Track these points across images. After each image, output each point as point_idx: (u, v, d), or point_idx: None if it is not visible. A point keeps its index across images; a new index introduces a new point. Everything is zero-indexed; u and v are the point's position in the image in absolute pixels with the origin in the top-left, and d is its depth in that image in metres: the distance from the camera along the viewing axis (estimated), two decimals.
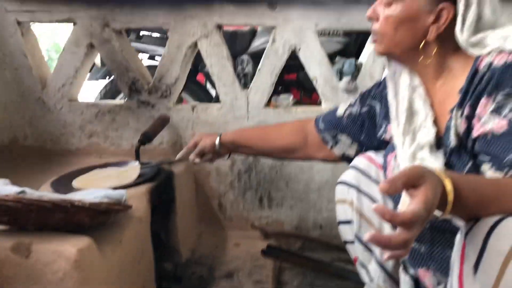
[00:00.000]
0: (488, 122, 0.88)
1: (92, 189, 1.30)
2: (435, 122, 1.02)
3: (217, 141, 1.45)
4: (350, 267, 1.65)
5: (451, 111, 0.96)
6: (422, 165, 0.76)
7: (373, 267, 1.16)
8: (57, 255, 0.98)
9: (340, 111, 1.31)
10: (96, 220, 1.09)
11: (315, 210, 1.96)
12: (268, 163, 1.95)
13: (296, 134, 1.40)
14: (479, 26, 0.94)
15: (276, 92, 2.25)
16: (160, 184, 1.53)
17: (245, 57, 1.96)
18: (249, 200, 2.00)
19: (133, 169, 1.57)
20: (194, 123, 1.97)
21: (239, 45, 2.76)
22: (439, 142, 1.00)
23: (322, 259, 1.71)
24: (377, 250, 1.16)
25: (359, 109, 1.27)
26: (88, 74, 2.34)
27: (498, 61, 0.88)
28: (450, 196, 0.72)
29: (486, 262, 0.72)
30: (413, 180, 0.70)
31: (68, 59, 1.97)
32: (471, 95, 0.92)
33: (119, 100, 2.84)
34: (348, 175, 1.21)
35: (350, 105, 1.30)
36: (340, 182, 1.22)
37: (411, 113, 1.05)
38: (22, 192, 0.99)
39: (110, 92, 3.01)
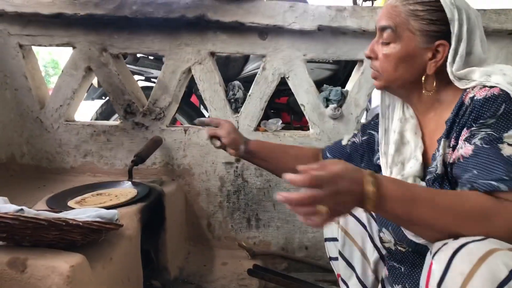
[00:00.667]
0: (460, 149, 0.95)
1: (86, 208, 1.36)
2: (425, 152, 1.09)
3: (242, 147, 1.45)
4: None
5: (439, 140, 1.02)
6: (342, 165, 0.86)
7: (353, 282, 1.23)
8: (51, 271, 1.03)
9: (344, 141, 1.40)
10: (88, 238, 1.15)
11: (301, 231, 2.03)
12: (256, 185, 2.02)
13: (311, 159, 1.44)
14: (468, 61, 1.02)
15: (267, 115, 2.34)
16: (151, 203, 1.60)
17: (236, 83, 2.04)
18: (237, 220, 2.06)
19: (126, 189, 1.64)
20: (186, 144, 2.04)
21: (232, 69, 2.86)
22: (425, 172, 1.07)
23: (306, 280, 1.76)
24: (357, 266, 1.22)
25: (360, 138, 1.35)
26: (85, 94, 2.41)
27: (479, 95, 0.95)
28: (368, 187, 0.82)
29: (448, 281, 0.78)
30: (328, 165, 0.83)
31: (66, 81, 2.05)
32: (457, 126, 0.99)
33: (114, 120, 2.92)
34: None
35: (354, 135, 1.38)
36: None
37: (401, 144, 1.12)
38: (21, 210, 1.05)
39: (105, 112, 3.08)
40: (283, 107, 3.03)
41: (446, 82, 1.04)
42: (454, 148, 0.98)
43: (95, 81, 2.94)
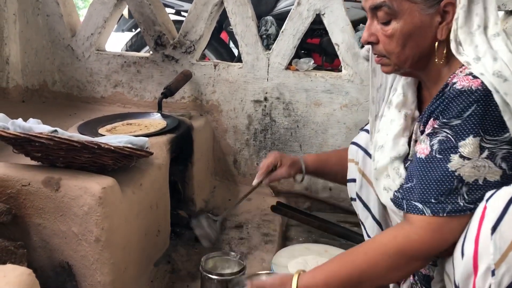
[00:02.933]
0: (420, 144, 0.93)
1: (117, 135, 1.38)
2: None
3: (301, 177, 1.42)
4: (354, 229, 1.73)
5: (418, 122, 0.98)
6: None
7: (369, 223, 1.23)
8: (84, 191, 1.07)
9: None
10: (119, 163, 1.18)
11: None
12: (284, 125, 2.00)
13: None
14: (469, 21, 0.89)
15: (298, 56, 2.28)
16: (180, 135, 1.61)
17: (269, 18, 1.97)
18: (263, 159, 2.07)
19: (155, 120, 1.65)
20: (215, 80, 2.02)
21: (265, 5, 2.76)
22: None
23: (328, 220, 1.78)
24: (373, 207, 1.22)
25: None
26: (115, 26, 2.39)
27: (458, 85, 0.86)
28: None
29: (505, 224, 0.77)
30: None
31: (97, 9, 2.02)
32: (430, 110, 0.92)
33: (144, 53, 2.90)
34: (361, 137, 1.26)
35: None
36: (353, 142, 1.28)
37: (386, 125, 1.07)
38: (55, 131, 1.07)
39: (135, 45, 3.07)
40: (314, 48, 2.94)
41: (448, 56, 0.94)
42: (422, 133, 0.94)
43: (125, 12, 2.90)
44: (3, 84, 2.10)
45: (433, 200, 0.87)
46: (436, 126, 0.89)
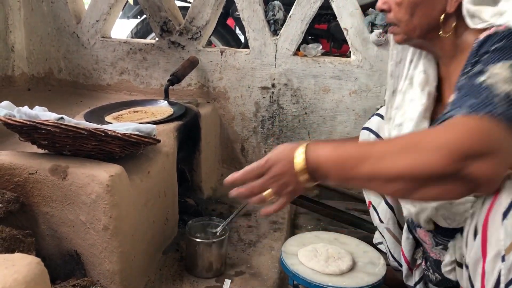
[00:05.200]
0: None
1: (124, 122, 1.37)
2: (443, 109, 0.97)
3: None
4: (363, 217, 1.71)
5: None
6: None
7: (382, 208, 1.22)
8: (91, 179, 1.06)
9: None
10: (126, 151, 1.16)
11: None
12: (292, 112, 1.98)
13: None
14: None
15: (305, 41, 2.24)
16: (187, 123, 1.59)
17: (276, 3, 1.94)
18: (270, 146, 2.05)
19: (162, 108, 1.63)
20: (222, 67, 2.00)
21: None
22: None
23: (337, 207, 1.77)
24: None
25: None
26: (120, 12, 2.36)
27: (482, 36, 0.84)
28: (298, 158, 0.84)
29: None
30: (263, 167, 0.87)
31: None
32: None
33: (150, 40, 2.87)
34: (372, 121, 1.24)
35: None
36: (364, 127, 1.26)
37: (404, 103, 1.04)
38: (61, 118, 1.06)
39: (141, 32, 3.04)
40: (322, 33, 2.89)
41: (465, 26, 0.91)
42: None
43: None
44: (8, 72, 2.08)
45: (469, 104, 0.78)
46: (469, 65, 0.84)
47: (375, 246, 1.36)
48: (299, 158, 0.84)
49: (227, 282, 1.28)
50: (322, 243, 1.32)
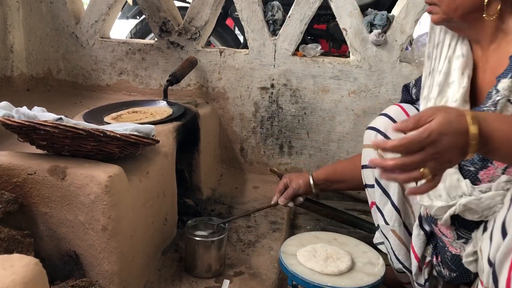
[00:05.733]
0: None
1: (122, 123, 1.36)
2: (479, 92, 0.99)
3: (311, 181, 1.48)
4: (363, 217, 1.71)
5: (498, 78, 0.91)
6: (439, 106, 0.77)
7: (388, 209, 1.21)
8: (90, 180, 1.06)
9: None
10: (125, 151, 1.16)
11: (334, 160, 2.00)
12: (291, 112, 1.98)
13: None
14: None
15: (304, 42, 2.24)
16: (186, 123, 1.59)
17: (275, 3, 1.94)
18: (270, 147, 2.05)
19: (161, 108, 1.63)
20: (221, 67, 2.00)
21: None
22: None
23: (336, 207, 1.77)
24: (393, 194, 1.20)
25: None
26: (119, 13, 2.36)
27: None
28: (472, 128, 0.72)
29: None
30: (425, 118, 0.72)
31: None
32: None
33: (149, 40, 2.87)
34: (378, 121, 1.23)
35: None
36: (370, 127, 1.25)
37: (445, 85, 1.03)
38: (60, 119, 1.06)
39: (140, 32, 3.03)
40: (321, 33, 2.90)
41: (511, 10, 0.92)
42: None
43: None
44: (7, 72, 2.08)
45: None
46: None
47: (374, 246, 1.36)
48: (474, 131, 0.72)
49: (226, 282, 1.28)
50: (321, 243, 1.31)
